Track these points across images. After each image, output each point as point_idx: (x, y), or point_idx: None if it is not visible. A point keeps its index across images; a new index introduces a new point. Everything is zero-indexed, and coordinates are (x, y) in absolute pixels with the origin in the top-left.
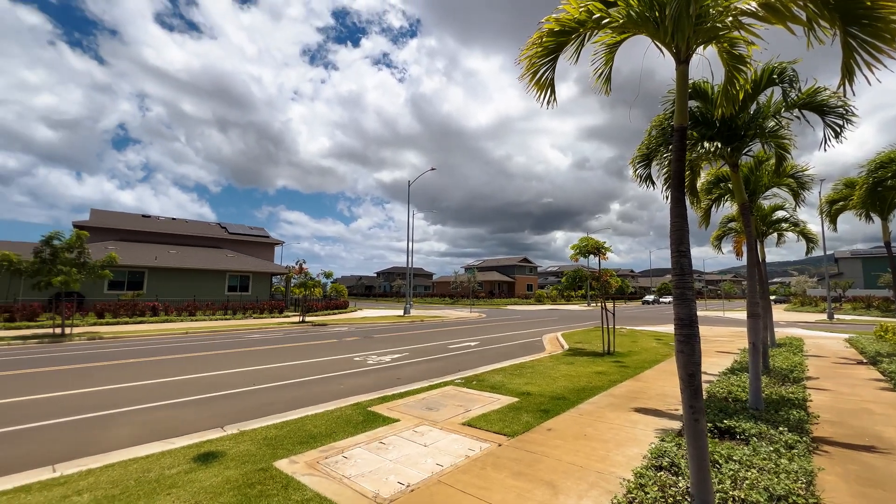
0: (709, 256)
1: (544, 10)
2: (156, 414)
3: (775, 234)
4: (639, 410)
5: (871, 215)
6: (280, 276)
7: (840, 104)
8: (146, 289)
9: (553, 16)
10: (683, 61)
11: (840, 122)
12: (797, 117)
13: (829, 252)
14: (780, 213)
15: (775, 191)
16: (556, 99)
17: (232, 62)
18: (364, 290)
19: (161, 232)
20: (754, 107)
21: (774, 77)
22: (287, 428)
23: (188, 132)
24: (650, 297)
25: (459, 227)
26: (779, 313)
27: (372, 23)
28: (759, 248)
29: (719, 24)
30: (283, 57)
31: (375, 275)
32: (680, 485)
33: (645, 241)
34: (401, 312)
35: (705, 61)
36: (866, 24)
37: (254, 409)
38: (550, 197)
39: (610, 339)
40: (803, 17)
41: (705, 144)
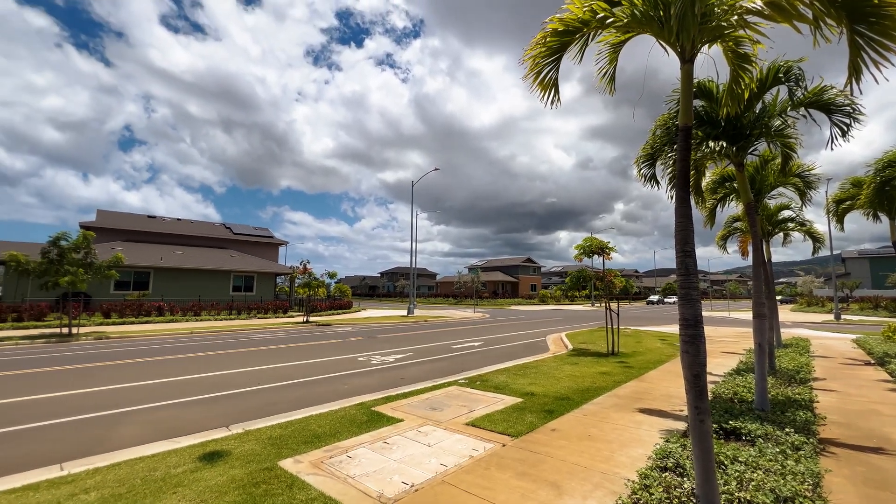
0: (714, 256)
1: (548, 10)
2: (161, 413)
3: (781, 234)
4: (643, 411)
5: (879, 215)
6: (284, 277)
7: (847, 103)
8: (152, 289)
9: (557, 16)
10: (688, 60)
11: (847, 121)
12: (803, 116)
13: (836, 252)
14: (786, 213)
15: (781, 190)
16: (559, 99)
17: (236, 63)
18: (368, 290)
19: (166, 232)
20: (760, 106)
21: (780, 76)
22: (291, 427)
23: (193, 133)
24: (654, 298)
25: (463, 228)
26: (785, 314)
27: (375, 23)
28: (764, 247)
29: (724, 23)
30: (287, 58)
31: (379, 275)
32: (685, 486)
33: (649, 241)
34: (404, 312)
35: (710, 60)
36: (874, 23)
37: (258, 409)
38: (554, 197)
39: (614, 339)
40: (809, 15)
41: (710, 144)
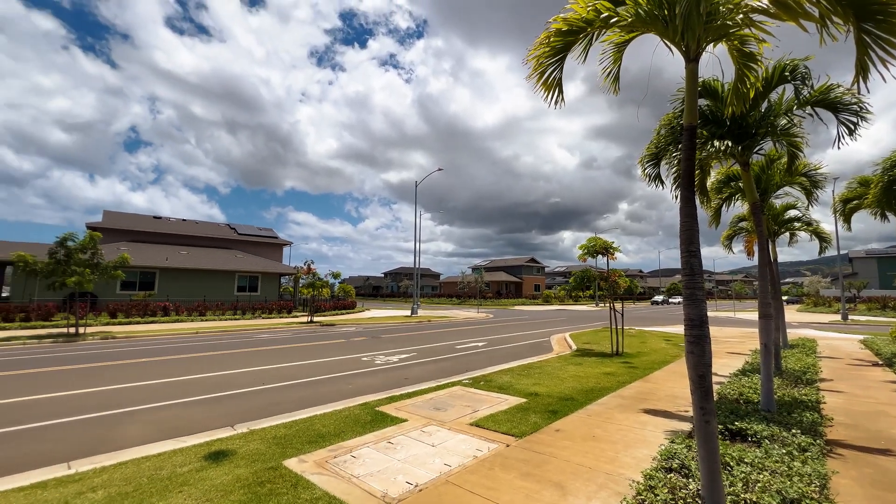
0: (719, 256)
1: (551, 9)
2: (167, 413)
3: (787, 234)
4: (648, 412)
5: (887, 214)
6: (288, 277)
7: (854, 101)
8: (157, 289)
9: (561, 15)
10: (693, 60)
11: (854, 120)
12: (810, 115)
13: (843, 252)
14: (793, 212)
15: (787, 189)
16: (563, 99)
17: (241, 65)
18: (371, 290)
19: (172, 233)
20: (765, 104)
21: (786, 74)
22: (296, 427)
23: (198, 134)
24: (659, 298)
25: (466, 228)
26: (791, 314)
27: (379, 24)
28: (770, 247)
29: (729, 22)
30: (290, 59)
31: (383, 275)
32: (690, 487)
33: (654, 241)
34: (408, 313)
35: (715, 59)
36: (881, 21)
37: (263, 409)
38: (558, 197)
39: (618, 339)
40: (816, 13)
41: (715, 143)
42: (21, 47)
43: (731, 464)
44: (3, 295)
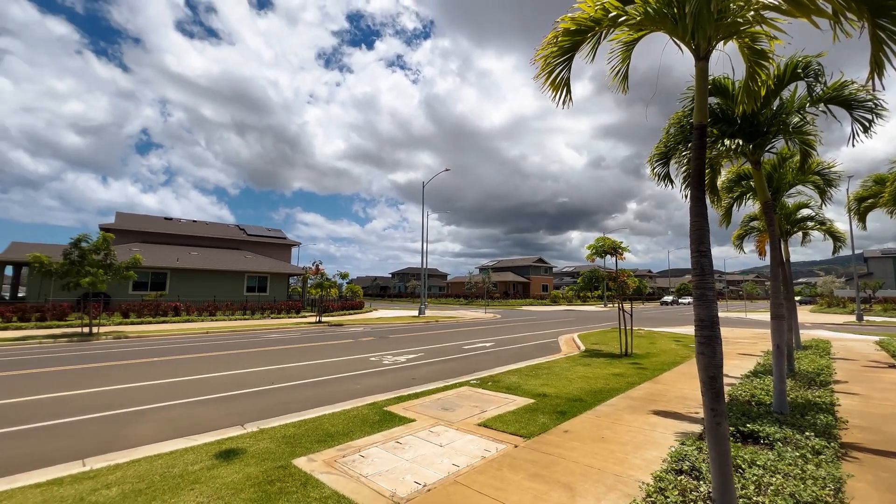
0: (730, 256)
1: (559, 9)
2: (178, 411)
3: (800, 233)
4: (658, 413)
5: None
6: (297, 277)
7: (869, 98)
8: (168, 289)
9: (568, 15)
10: (703, 58)
11: (869, 117)
12: (823, 112)
13: (857, 251)
14: (806, 212)
15: (800, 188)
16: (571, 99)
17: (250, 67)
18: (379, 290)
19: (183, 234)
20: (777, 102)
21: (799, 71)
22: (305, 426)
23: (208, 136)
24: (669, 298)
25: (474, 228)
26: (804, 315)
27: (386, 25)
28: (782, 247)
29: (740, 19)
30: (299, 61)
31: (390, 275)
32: (701, 489)
33: (663, 241)
34: (416, 313)
35: (725, 57)
36: None
37: (272, 408)
38: (566, 196)
39: (627, 340)
40: (829, 9)
41: (726, 142)
42: (36, 52)
43: (743, 466)
44: (20, 295)
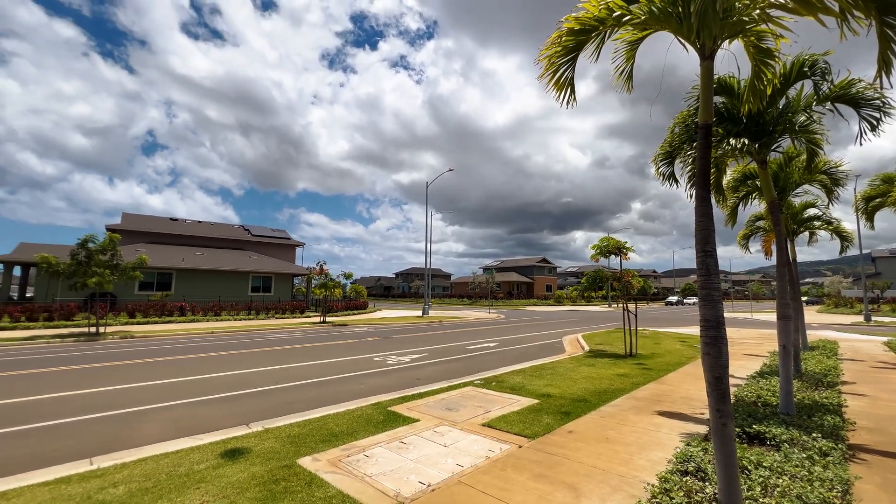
0: (735, 256)
1: (562, 9)
2: (184, 411)
3: (807, 233)
4: (663, 414)
5: None
6: (301, 277)
7: (876, 96)
8: (174, 289)
9: (573, 15)
10: (708, 57)
11: (877, 115)
12: (830, 111)
13: (865, 251)
14: (812, 211)
15: (806, 187)
16: (575, 98)
17: (254, 68)
18: (383, 290)
19: (188, 234)
20: (783, 101)
21: (805, 70)
22: (310, 426)
23: (213, 137)
24: (674, 298)
25: (477, 228)
26: (811, 315)
27: (389, 26)
28: (789, 247)
29: (746, 18)
30: (302, 62)
31: (394, 275)
32: (707, 491)
33: (668, 241)
34: (419, 313)
35: (731, 56)
36: None
37: (277, 408)
38: (570, 196)
39: (632, 340)
40: (836, 7)
41: (731, 141)
42: (44, 55)
43: (749, 468)
44: (28, 295)
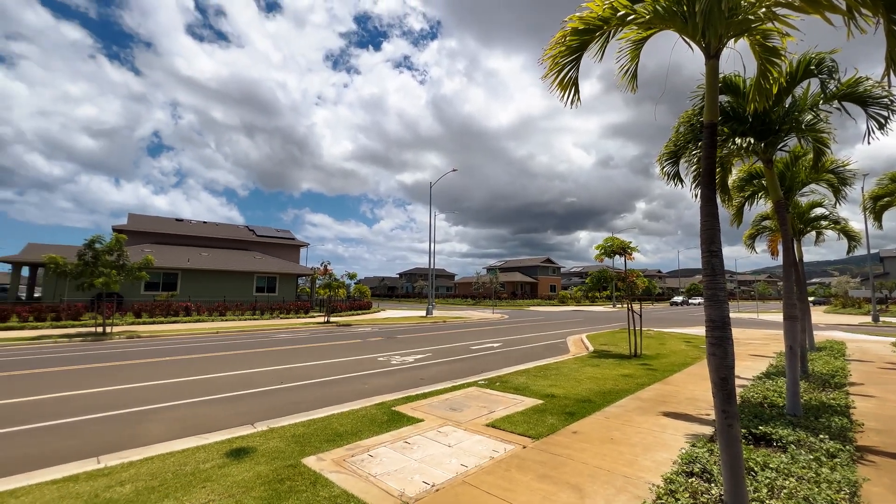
0: (741, 256)
1: (566, 8)
2: (189, 410)
3: (814, 233)
4: (668, 414)
5: None
6: (305, 278)
7: (884, 94)
8: (180, 290)
9: (577, 14)
10: (713, 56)
11: (885, 114)
12: (837, 109)
13: (873, 251)
14: (819, 210)
15: (813, 187)
16: (579, 98)
17: (258, 69)
18: (387, 290)
19: (193, 235)
20: (790, 100)
21: (812, 68)
22: (314, 426)
23: (217, 138)
24: (679, 299)
25: (481, 228)
26: (818, 315)
27: (393, 26)
28: (795, 246)
29: (752, 17)
30: (307, 63)
31: (398, 276)
32: (712, 492)
33: (673, 241)
34: (423, 313)
35: (736, 54)
36: None
37: (282, 407)
38: (574, 196)
39: (637, 341)
40: (843, 5)
41: (737, 140)
42: (51, 57)
43: (756, 469)
44: (36, 295)
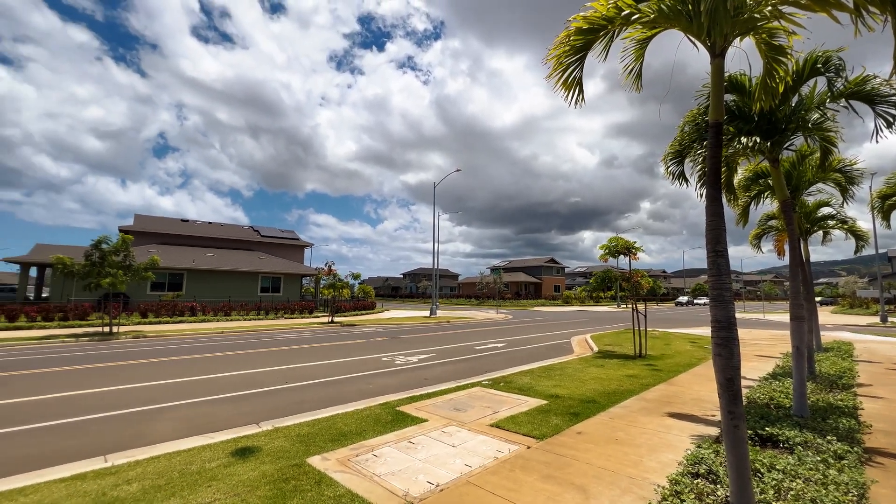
0: (747, 256)
1: (570, 7)
2: (195, 409)
3: (820, 232)
4: (673, 415)
5: None
6: (310, 278)
7: (892, 93)
8: (185, 290)
9: (581, 14)
10: (719, 55)
11: (893, 112)
12: (844, 108)
13: (881, 250)
14: (826, 210)
15: (820, 186)
16: (584, 98)
17: (263, 71)
18: (390, 291)
19: (199, 235)
20: (796, 99)
21: (819, 67)
22: (319, 426)
23: (222, 139)
24: (684, 299)
25: (485, 228)
26: (825, 316)
27: (396, 27)
28: (802, 246)
29: (757, 15)
30: (311, 64)
31: (402, 276)
32: (718, 493)
33: (678, 241)
34: (427, 313)
35: (742, 53)
36: None
37: (286, 407)
38: (578, 196)
39: (641, 341)
40: (850, 3)
41: (742, 139)
42: (58, 60)
43: (762, 470)
44: (44, 295)
